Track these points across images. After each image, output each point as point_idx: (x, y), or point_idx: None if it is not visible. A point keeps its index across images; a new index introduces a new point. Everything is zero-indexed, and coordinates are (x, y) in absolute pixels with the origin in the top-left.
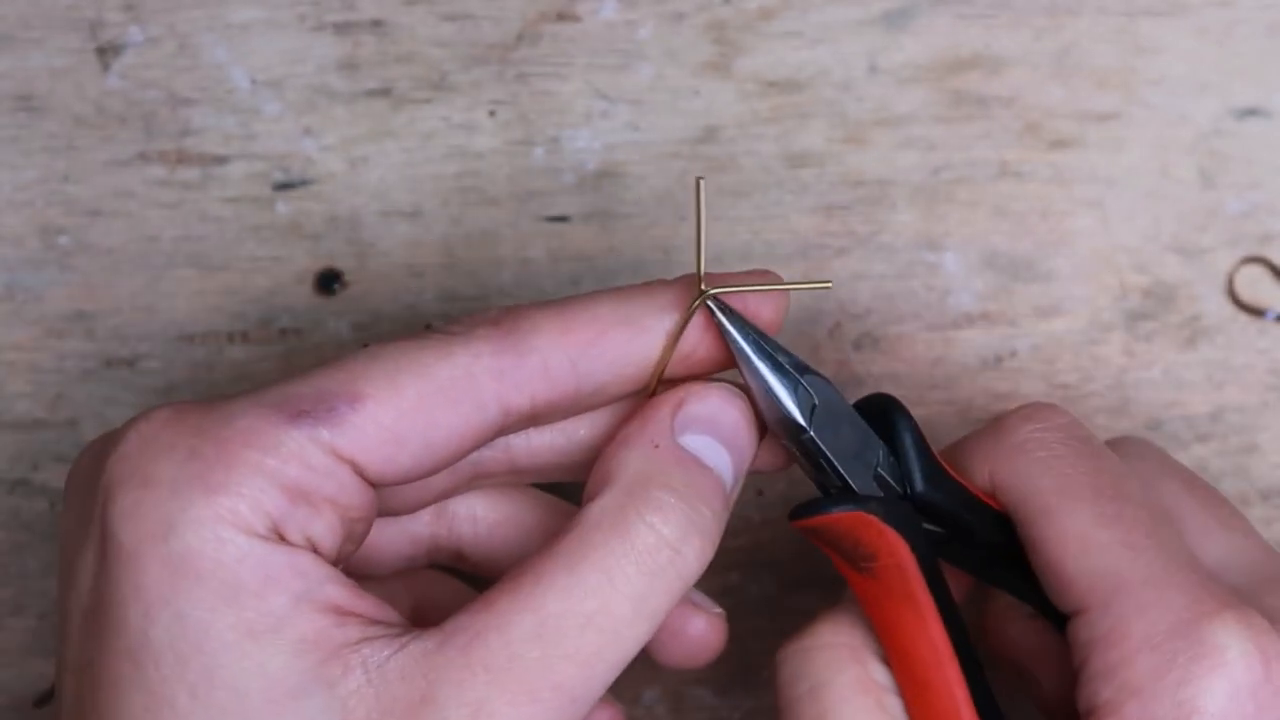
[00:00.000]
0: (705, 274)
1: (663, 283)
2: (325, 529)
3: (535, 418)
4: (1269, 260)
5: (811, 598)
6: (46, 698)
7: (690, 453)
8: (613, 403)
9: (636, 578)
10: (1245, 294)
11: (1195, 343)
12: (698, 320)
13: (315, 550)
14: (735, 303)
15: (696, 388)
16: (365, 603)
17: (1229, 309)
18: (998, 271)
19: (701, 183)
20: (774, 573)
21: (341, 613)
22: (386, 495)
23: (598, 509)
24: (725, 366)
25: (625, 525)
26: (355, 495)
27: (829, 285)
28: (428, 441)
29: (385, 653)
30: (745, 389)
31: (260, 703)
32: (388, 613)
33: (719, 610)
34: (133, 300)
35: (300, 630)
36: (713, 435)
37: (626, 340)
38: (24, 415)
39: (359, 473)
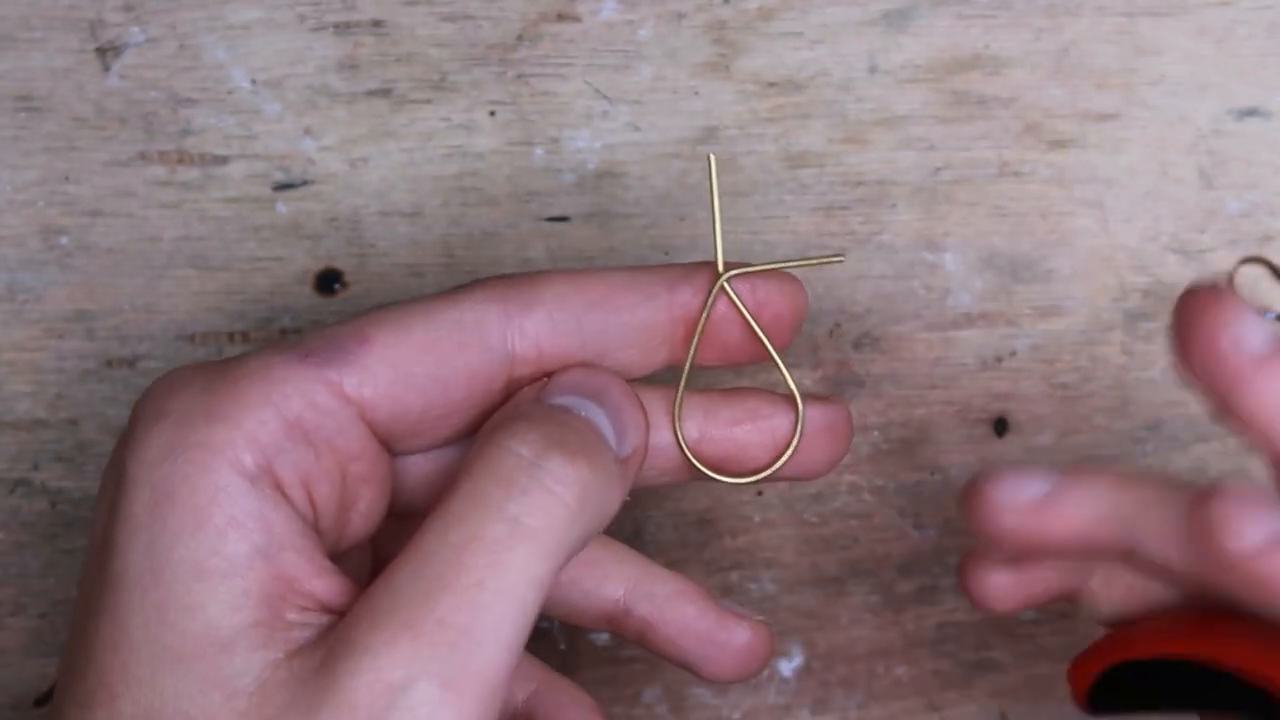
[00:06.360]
0: (724, 260)
1: (675, 264)
2: (322, 475)
3: (542, 370)
4: (1269, 260)
5: (812, 598)
6: (46, 697)
7: (556, 404)
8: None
9: (502, 498)
10: (1245, 294)
11: None
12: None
13: (310, 499)
14: (748, 297)
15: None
16: (319, 583)
17: None
18: (998, 271)
19: (713, 158)
20: (774, 573)
21: (289, 587)
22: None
23: (464, 457)
24: (749, 357)
25: (484, 455)
26: (357, 442)
27: (842, 259)
28: (436, 379)
29: (306, 635)
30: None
31: (194, 649)
32: (336, 596)
33: (762, 618)
34: (133, 300)
35: (246, 584)
36: (580, 394)
37: (632, 304)
38: (24, 415)
39: (366, 420)
